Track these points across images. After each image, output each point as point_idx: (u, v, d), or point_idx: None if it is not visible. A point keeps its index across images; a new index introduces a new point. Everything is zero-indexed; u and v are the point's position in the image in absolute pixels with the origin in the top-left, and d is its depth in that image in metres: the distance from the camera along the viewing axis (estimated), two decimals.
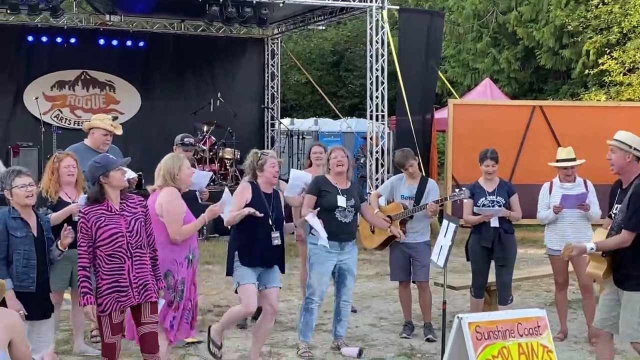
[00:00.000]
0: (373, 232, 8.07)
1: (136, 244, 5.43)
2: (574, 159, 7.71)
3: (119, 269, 5.35)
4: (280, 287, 6.84)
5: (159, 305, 5.68)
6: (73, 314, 7.15)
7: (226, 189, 6.72)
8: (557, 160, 7.74)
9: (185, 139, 8.40)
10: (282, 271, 6.80)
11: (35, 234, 5.42)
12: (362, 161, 19.62)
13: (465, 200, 7.72)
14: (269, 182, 6.74)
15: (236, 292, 6.61)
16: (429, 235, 7.93)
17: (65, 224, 5.88)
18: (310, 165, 8.63)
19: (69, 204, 6.68)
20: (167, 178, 6.19)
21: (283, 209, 6.90)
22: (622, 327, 5.69)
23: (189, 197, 7.13)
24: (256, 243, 6.55)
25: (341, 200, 7.13)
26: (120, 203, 5.48)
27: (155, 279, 5.59)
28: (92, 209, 5.41)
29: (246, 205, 6.53)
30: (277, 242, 6.62)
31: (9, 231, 5.33)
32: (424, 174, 9.64)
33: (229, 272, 6.64)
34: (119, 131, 8.05)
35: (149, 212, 5.66)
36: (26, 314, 5.27)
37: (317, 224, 6.95)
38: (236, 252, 6.55)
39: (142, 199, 5.74)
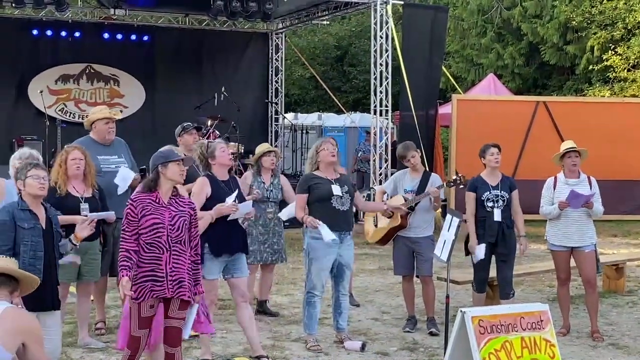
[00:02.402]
0: (376, 225, 8.08)
1: (176, 239, 5.46)
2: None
3: (156, 259, 5.40)
4: (247, 276, 6.85)
5: (193, 309, 5.68)
6: (78, 306, 7.17)
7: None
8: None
9: (185, 124, 8.28)
10: (247, 253, 6.81)
11: (44, 227, 5.46)
12: (359, 155, 19.69)
13: (467, 193, 7.73)
14: (224, 166, 6.70)
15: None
16: (433, 230, 7.95)
17: (86, 215, 5.92)
18: None
19: (77, 198, 6.71)
20: None
21: (243, 193, 6.89)
22: None
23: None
24: (226, 232, 6.55)
25: (336, 189, 7.13)
26: (170, 198, 5.54)
27: (194, 283, 5.60)
28: (140, 197, 5.49)
29: (208, 199, 6.51)
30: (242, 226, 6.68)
31: (17, 223, 5.36)
32: (427, 168, 9.65)
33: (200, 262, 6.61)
34: (119, 115, 8.05)
35: (195, 215, 5.68)
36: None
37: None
38: (206, 244, 6.50)
39: (192, 202, 5.79)
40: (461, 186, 7.77)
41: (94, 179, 6.94)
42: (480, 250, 7.58)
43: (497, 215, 7.62)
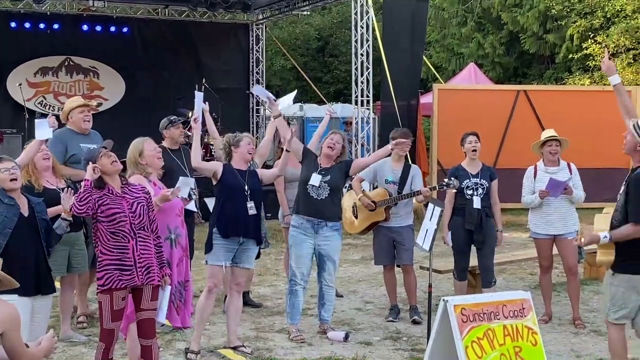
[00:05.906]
0: (356, 217, 8.07)
1: (139, 225, 5.46)
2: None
3: (123, 247, 5.38)
4: (251, 269, 7.02)
5: (166, 292, 5.71)
6: (61, 299, 7.13)
7: (181, 178, 6.67)
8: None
9: (172, 117, 8.26)
10: (259, 243, 6.85)
11: (26, 214, 5.42)
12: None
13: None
14: (243, 159, 6.80)
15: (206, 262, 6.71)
16: (412, 219, 7.96)
17: (67, 188, 5.90)
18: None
19: (54, 190, 6.63)
20: (132, 166, 6.30)
21: (260, 185, 6.90)
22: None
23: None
24: (233, 212, 6.59)
25: (314, 179, 7.18)
26: (122, 187, 5.55)
27: (160, 266, 5.61)
28: (93, 191, 5.44)
29: (217, 182, 6.64)
30: (252, 211, 6.67)
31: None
32: (409, 159, 9.62)
33: (209, 248, 6.63)
34: (94, 103, 8.00)
35: (151, 199, 5.71)
36: None
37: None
38: (215, 227, 6.60)
39: (145, 187, 5.82)
40: (454, 190, 7.68)
41: (60, 170, 6.91)
42: (448, 237, 7.78)
43: (477, 203, 7.65)
